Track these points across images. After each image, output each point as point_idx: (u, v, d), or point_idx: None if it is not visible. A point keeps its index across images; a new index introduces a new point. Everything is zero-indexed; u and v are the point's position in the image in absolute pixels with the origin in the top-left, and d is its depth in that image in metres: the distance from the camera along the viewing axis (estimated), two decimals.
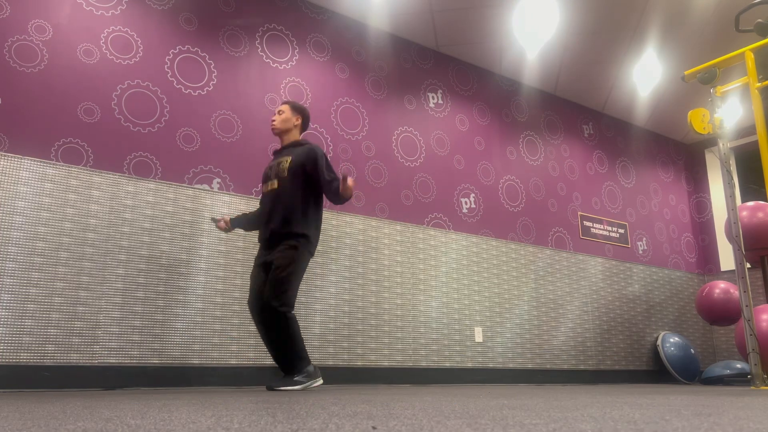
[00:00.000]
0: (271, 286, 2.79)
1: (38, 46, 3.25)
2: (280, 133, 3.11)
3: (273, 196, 2.97)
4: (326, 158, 3.00)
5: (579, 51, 5.07)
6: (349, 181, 2.79)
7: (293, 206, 2.91)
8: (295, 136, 3.11)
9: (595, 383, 5.10)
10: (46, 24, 3.30)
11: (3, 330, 2.85)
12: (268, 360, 3.54)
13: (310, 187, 2.98)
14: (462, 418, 1.09)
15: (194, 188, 3.56)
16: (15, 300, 2.90)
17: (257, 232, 3.68)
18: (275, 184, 2.98)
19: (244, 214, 3.22)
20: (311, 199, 2.98)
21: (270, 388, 2.72)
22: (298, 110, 3.13)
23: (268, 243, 2.95)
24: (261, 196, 3.12)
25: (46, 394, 2.30)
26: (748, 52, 3.54)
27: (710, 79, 3.70)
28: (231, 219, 3.20)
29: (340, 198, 2.89)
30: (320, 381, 2.86)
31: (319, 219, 3.03)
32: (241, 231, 3.64)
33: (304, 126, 3.16)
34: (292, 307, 2.81)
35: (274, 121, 3.10)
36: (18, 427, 0.89)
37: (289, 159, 2.98)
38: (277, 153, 3.13)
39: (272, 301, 2.75)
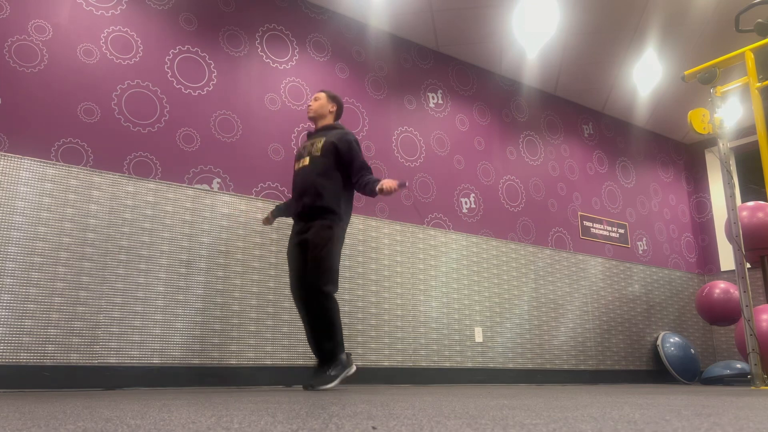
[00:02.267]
0: (312, 266, 2.83)
1: (38, 46, 3.25)
2: (315, 117, 3.21)
3: (304, 173, 3.04)
4: (359, 146, 3.08)
5: (579, 51, 5.07)
6: (388, 184, 2.79)
7: (324, 182, 2.97)
8: (329, 121, 3.21)
9: (595, 383, 5.10)
10: (46, 24, 3.30)
11: (3, 330, 2.85)
12: (268, 360, 3.55)
13: (342, 168, 3.04)
14: (462, 418, 1.09)
15: (194, 188, 3.57)
16: (15, 300, 2.90)
17: (255, 232, 3.68)
18: (306, 161, 3.06)
19: (284, 203, 3.32)
20: (342, 178, 3.04)
21: (308, 387, 2.75)
22: (334, 99, 3.25)
23: (301, 217, 3.02)
24: (293, 175, 3.18)
25: (46, 394, 2.30)
26: (748, 52, 3.54)
27: (710, 79, 3.70)
28: (272, 211, 3.31)
29: (364, 190, 2.95)
30: (354, 368, 2.89)
31: (351, 198, 3.09)
32: (240, 231, 3.64)
33: (338, 114, 3.26)
34: (336, 286, 2.85)
35: (310, 106, 3.21)
36: (18, 427, 0.89)
37: (323, 140, 3.07)
38: (311, 134, 3.22)
39: (316, 281, 2.80)
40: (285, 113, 4.06)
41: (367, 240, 4.16)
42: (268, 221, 3.30)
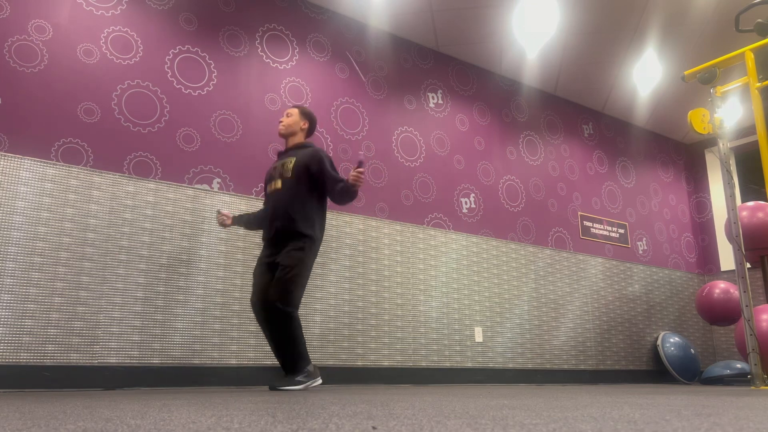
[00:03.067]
0: (277, 286, 2.81)
1: (38, 46, 3.25)
2: (286, 135, 3.15)
3: (277, 197, 2.99)
4: (330, 160, 3.04)
5: (579, 51, 5.07)
6: (360, 170, 2.79)
7: (297, 206, 2.94)
8: (300, 139, 3.16)
9: (595, 383, 5.10)
10: (46, 24, 3.30)
11: (3, 330, 2.85)
12: (268, 360, 3.54)
13: (315, 188, 3.01)
14: (462, 418, 1.09)
15: (194, 188, 3.57)
16: (15, 300, 2.90)
17: (257, 232, 3.68)
18: (278, 184, 3.01)
19: (247, 214, 3.25)
20: (315, 199, 3.01)
21: (273, 388, 2.75)
22: (306, 115, 3.18)
23: (272, 242, 2.98)
24: (264, 197, 3.15)
25: (46, 394, 2.30)
26: (748, 52, 3.54)
27: (710, 79, 3.70)
28: (234, 216, 3.25)
29: (344, 197, 2.92)
30: (320, 380, 2.89)
31: (323, 220, 3.06)
32: (241, 231, 3.64)
33: (310, 131, 3.21)
34: (296, 307, 2.83)
35: (281, 122, 3.14)
36: (18, 427, 0.89)
37: (293, 160, 3.02)
38: (282, 154, 3.16)
39: (278, 302, 2.78)
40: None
41: (367, 240, 4.16)
42: (222, 221, 3.17)
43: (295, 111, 3.16)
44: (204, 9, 3.89)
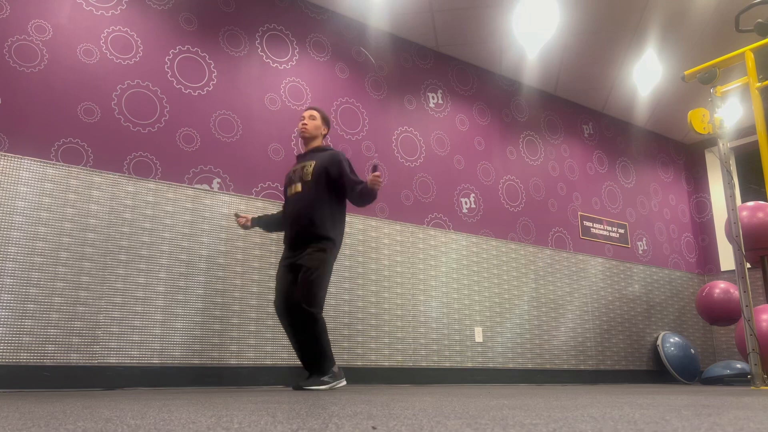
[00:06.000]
0: (301, 288, 2.84)
1: (38, 46, 3.25)
2: (310, 137, 3.17)
3: (296, 200, 3.02)
4: (349, 163, 3.07)
5: (579, 51, 5.07)
6: (377, 173, 2.82)
7: (317, 209, 2.96)
8: (319, 142, 3.20)
9: (595, 383, 5.10)
10: (46, 24, 3.30)
11: (3, 330, 2.85)
12: (268, 360, 3.55)
13: (334, 191, 3.04)
14: (462, 418, 1.09)
15: (194, 188, 3.57)
16: (15, 300, 2.90)
17: (255, 231, 3.68)
18: (299, 187, 3.04)
19: (266, 215, 3.28)
20: (335, 202, 3.04)
21: (297, 388, 2.77)
22: (326, 121, 3.24)
23: (293, 243, 3.00)
24: (284, 200, 3.17)
25: (46, 394, 2.30)
26: (748, 52, 3.54)
27: (710, 79, 3.70)
28: (253, 218, 3.27)
29: (364, 199, 2.95)
30: (344, 381, 2.91)
31: (343, 223, 3.09)
32: (241, 231, 3.64)
33: (326, 135, 3.28)
34: (321, 308, 2.86)
35: (306, 125, 3.15)
36: (18, 427, 0.89)
37: (313, 163, 3.04)
38: (301, 157, 3.19)
39: (303, 303, 2.80)
40: (285, 113, 4.06)
41: (367, 240, 4.16)
42: (242, 224, 3.23)
43: (318, 115, 3.18)
44: (204, 9, 3.89)
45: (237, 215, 3.23)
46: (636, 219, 6.11)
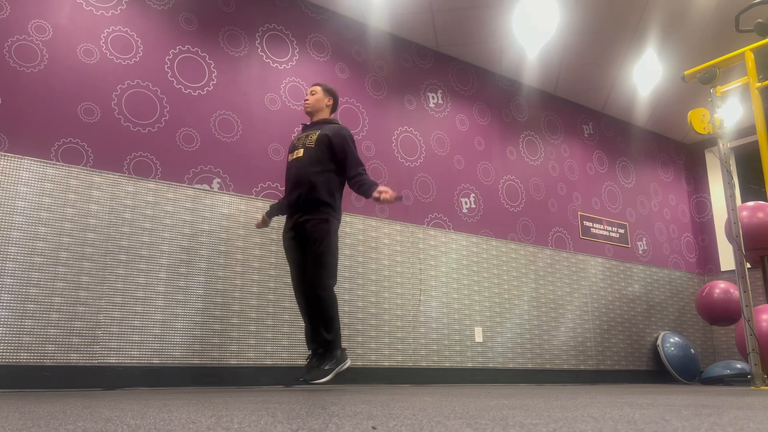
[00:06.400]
0: (313, 262, 2.89)
1: (38, 46, 3.25)
2: (312, 111, 3.23)
3: (298, 165, 3.06)
4: (354, 142, 3.11)
5: (579, 51, 5.07)
6: (387, 195, 2.83)
7: (318, 174, 3.00)
8: (325, 114, 3.24)
9: (595, 383, 5.10)
10: (46, 24, 3.30)
11: (3, 330, 2.85)
12: (268, 360, 3.55)
13: (335, 162, 3.07)
14: (462, 418, 1.09)
15: (194, 188, 3.57)
16: (15, 300, 2.90)
17: (259, 232, 3.68)
18: (300, 152, 3.08)
19: (275, 204, 3.34)
20: (335, 172, 3.07)
21: (306, 382, 2.80)
22: (330, 92, 3.27)
23: (294, 209, 3.04)
24: (287, 167, 3.20)
25: (46, 394, 2.30)
26: (748, 52, 3.54)
27: (710, 79, 3.70)
28: (266, 212, 3.34)
29: (358, 188, 3.00)
30: (348, 363, 2.95)
31: (342, 191, 3.12)
32: (241, 231, 3.64)
33: (334, 107, 3.29)
34: (335, 278, 2.93)
35: (307, 100, 3.22)
36: (18, 427, 0.89)
37: (318, 132, 3.09)
38: (306, 127, 3.24)
39: (317, 276, 2.87)
40: (285, 113, 4.06)
41: (367, 240, 4.16)
42: (264, 223, 3.34)
43: (318, 89, 3.24)
44: (204, 9, 3.89)
45: (257, 226, 3.37)
46: (636, 219, 6.11)
